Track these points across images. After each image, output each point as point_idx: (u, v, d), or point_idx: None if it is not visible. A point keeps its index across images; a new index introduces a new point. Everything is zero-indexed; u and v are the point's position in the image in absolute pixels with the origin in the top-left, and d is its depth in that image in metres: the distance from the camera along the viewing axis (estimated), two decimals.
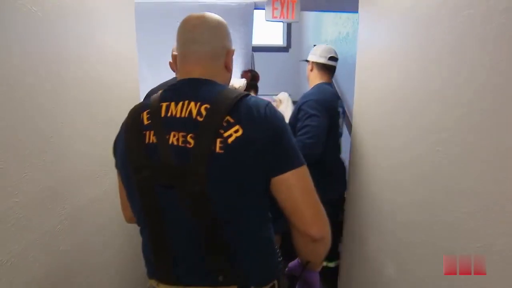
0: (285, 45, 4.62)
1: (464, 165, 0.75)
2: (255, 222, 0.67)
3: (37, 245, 0.77)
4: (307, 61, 1.72)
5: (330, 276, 1.75)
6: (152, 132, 0.63)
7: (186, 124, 0.61)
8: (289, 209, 0.64)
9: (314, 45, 3.68)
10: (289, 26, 4.54)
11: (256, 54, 3.78)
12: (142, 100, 1.50)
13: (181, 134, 0.61)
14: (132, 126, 0.67)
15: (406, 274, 1.02)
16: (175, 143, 0.61)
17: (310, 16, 4.15)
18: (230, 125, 0.60)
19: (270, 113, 0.64)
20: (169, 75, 1.60)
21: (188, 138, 0.60)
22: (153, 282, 0.71)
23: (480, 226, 0.71)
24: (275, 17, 1.88)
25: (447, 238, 0.82)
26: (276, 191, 0.64)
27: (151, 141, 0.63)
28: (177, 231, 0.65)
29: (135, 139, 0.65)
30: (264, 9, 2.03)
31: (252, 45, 4.64)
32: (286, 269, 0.85)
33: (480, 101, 0.70)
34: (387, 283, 1.14)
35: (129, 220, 0.82)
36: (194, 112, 0.61)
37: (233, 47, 0.75)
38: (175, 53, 0.76)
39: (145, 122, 0.65)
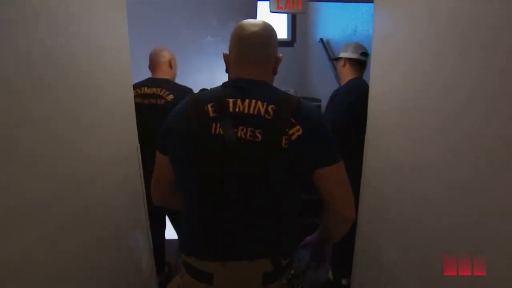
0: (289, 39, 4.47)
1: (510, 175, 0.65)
2: (297, 204, 0.80)
3: None
4: (335, 59, 1.85)
5: None
6: (219, 124, 0.71)
7: (254, 120, 0.71)
8: (329, 194, 0.77)
9: (321, 39, 3.58)
10: (293, 19, 4.39)
11: None
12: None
13: (249, 128, 0.70)
14: (197, 117, 0.73)
15: None
16: (243, 136, 0.70)
17: (316, 9, 4.00)
18: (293, 125, 0.71)
19: (320, 116, 0.77)
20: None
21: (256, 133, 0.70)
22: (188, 259, 0.78)
23: None
24: (280, 8, 1.74)
25: (486, 255, 0.72)
26: (319, 180, 0.75)
27: (217, 132, 0.71)
28: (233, 213, 0.74)
29: (200, 129, 0.72)
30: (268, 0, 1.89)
31: None
32: (304, 241, 0.97)
33: None
34: None
35: (159, 202, 0.92)
36: (262, 110, 0.71)
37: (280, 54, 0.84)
38: (226, 52, 0.83)
39: (211, 114, 0.73)
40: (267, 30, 0.79)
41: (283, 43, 4.48)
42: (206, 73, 2.58)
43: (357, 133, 1.48)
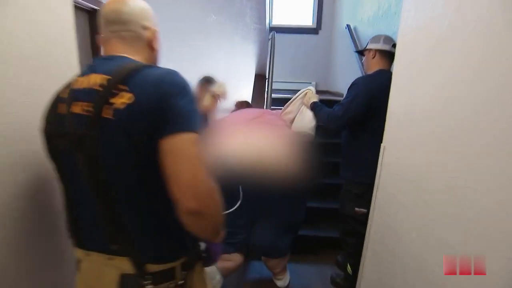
0: (314, 26, 4.11)
1: None
2: (148, 195, 0.70)
3: None
4: (361, 52, 1.80)
5: None
6: (64, 104, 0.70)
7: (88, 94, 0.68)
8: (169, 175, 0.64)
9: (347, 25, 3.22)
10: (320, 5, 4.02)
11: (280, 36, 3.34)
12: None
13: (83, 103, 0.68)
14: (52, 100, 0.75)
15: None
16: (77, 111, 0.68)
17: None
18: (122, 93, 0.65)
19: (165, 80, 0.67)
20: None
21: (88, 107, 0.67)
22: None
23: None
24: None
25: None
26: (161, 156, 0.64)
27: (62, 111, 0.70)
28: (79, 197, 0.72)
29: (51, 111, 0.73)
30: None
31: (276, 26, 4.18)
32: None
33: None
34: None
35: None
36: (96, 83, 0.68)
37: (156, 28, 0.81)
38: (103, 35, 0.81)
39: (61, 95, 0.73)
40: (128, 5, 0.76)
41: (307, 30, 4.13)
42: (212, 57, 2.35)
43: (374, 123, 1.42)
